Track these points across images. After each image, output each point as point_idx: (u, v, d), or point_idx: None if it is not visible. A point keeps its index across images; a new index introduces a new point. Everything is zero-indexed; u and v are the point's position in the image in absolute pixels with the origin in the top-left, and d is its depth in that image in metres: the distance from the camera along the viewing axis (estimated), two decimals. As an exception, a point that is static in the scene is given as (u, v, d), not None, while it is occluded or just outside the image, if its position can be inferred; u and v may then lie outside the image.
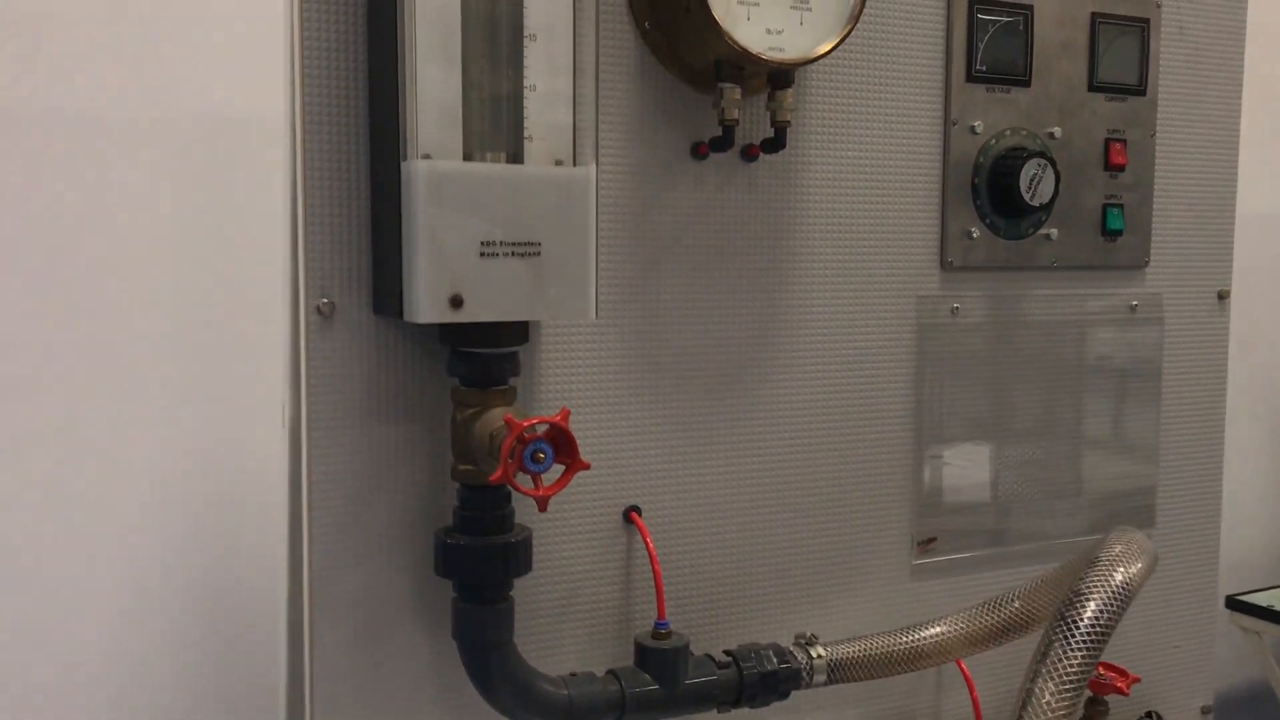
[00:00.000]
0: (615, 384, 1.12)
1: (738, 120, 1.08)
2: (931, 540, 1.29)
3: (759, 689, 1.11)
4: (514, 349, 0.99)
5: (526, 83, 0.95)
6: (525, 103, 0.95)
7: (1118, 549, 1.02)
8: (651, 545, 1.12)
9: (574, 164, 0.97)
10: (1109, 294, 1.37)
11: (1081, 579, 0.98)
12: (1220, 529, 1.49)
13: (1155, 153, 1.38)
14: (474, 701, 1.04)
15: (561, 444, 0.91)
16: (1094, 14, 1.32)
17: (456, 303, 0.92)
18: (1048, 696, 0.93)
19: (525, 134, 0.96)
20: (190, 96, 1.59)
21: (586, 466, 0.92)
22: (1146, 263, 1.39)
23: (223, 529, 1.65)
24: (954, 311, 1.29)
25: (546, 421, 0.90)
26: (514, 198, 0.94)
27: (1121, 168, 1.35)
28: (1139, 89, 1.36)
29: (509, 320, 0.95)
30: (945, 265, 1.27)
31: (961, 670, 1.29)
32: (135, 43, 1.56)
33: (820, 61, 1.11)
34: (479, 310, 0.93)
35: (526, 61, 0.95)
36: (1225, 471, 1.50)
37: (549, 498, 0.91)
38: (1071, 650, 0.94)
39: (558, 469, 0.92)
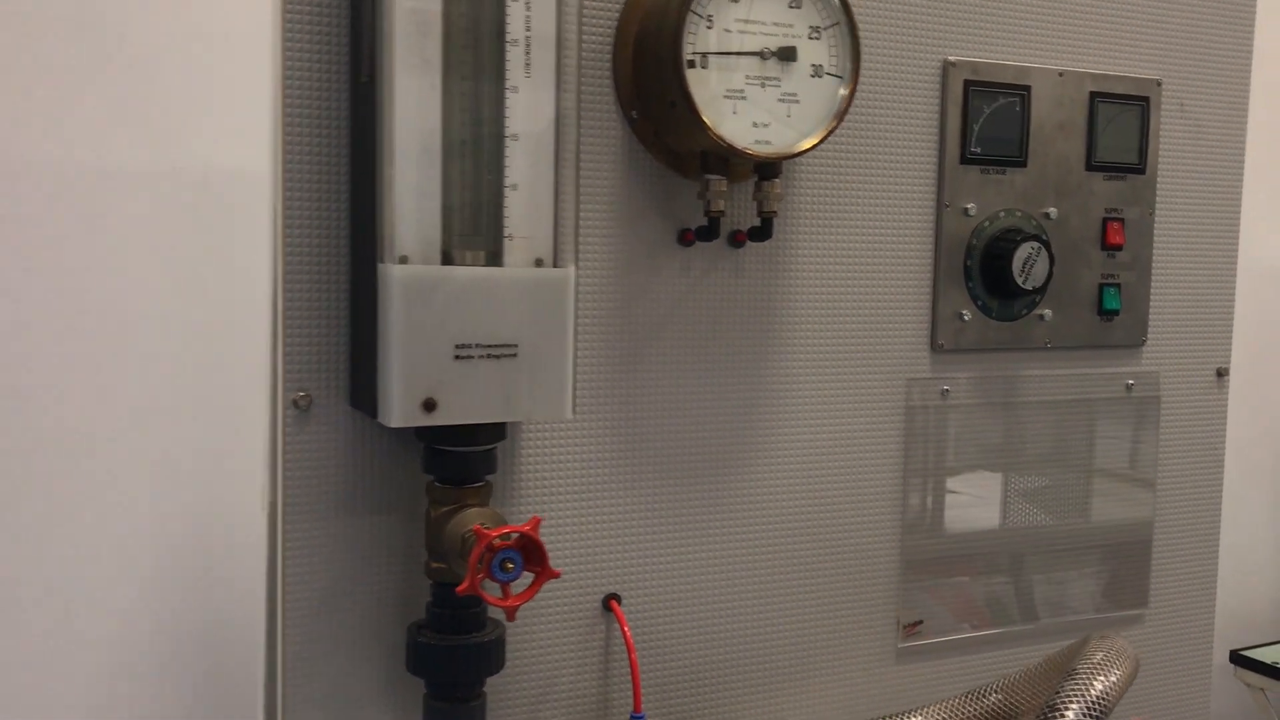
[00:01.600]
0: (596, 473, 1.11)
1: (723, 212, 1.08)
2: (918, 623, 1.28)
3: (735, 782, 1.11)
4: (491, 446, 0.99)
5: (508, 181, 0.95)
6: (506, 202, 0.95)
7: (1098, 657, 1.00)
8: (629, 634, 1.11)
9: (554, 263, 0.96)
10: (1104, 373, 1.36)
11: (1058, 693, 0.97)
12: (1215, 608, 1.47)
13: (1154, 231, 1.36)
14: (446, 795, 1.03)
15: (531, 552, 0.90)
16: (1093, 93, 1.30)
17: (430, 406, 0.91)
18: (1020, 815, 0.91)
19: (505, 233, 0.95)
20: (183, 150, 1.59)
21: (556, 575, 0.92)
22: (1143, 341, 1.37)
23: (207, 604, 1.65)
24: (944, 394, 1.28)
25: (516, 531, 0.90)
26: (491, 300, 0.93)
27: (1119, 247, 1.34)
28: (1138, 167, 1.34)
29: (483, 422, 0.94)
30: (935, 347, 1.26)
31: (945, 757, 1.27)
32: (128, 95, 1.56)
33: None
34: (452, 413, 0.92)
35: (508, 160, 0.95)
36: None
37: (517, 608, 0.90)
38: (1046, 769, 0.92)
39: (527, 577, 0.91)
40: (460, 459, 0.97)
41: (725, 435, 1.17)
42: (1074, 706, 0.96)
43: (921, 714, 1.18)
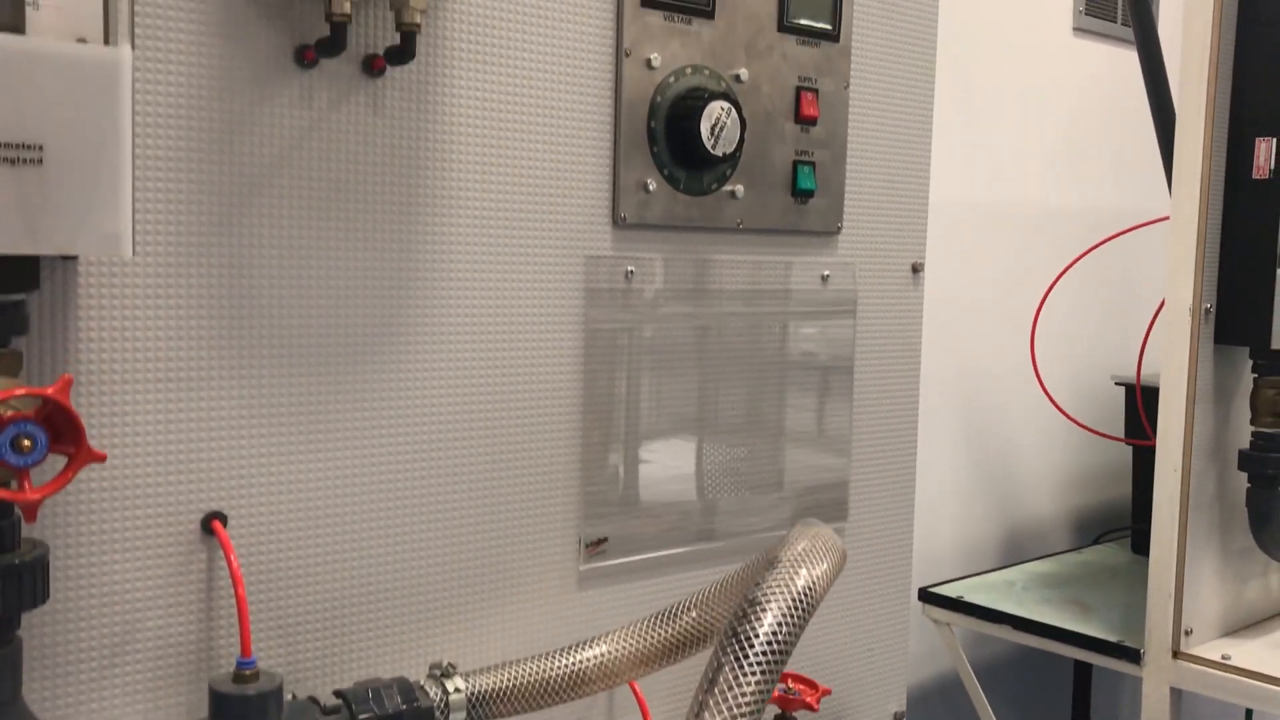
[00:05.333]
0: (190, 355, 0.86)
1: (349, 16, 0.85)
2: (602, 541, 1.11)
3: (378, 737, 0.89)
4: (13, 297, 0.72)
5: (30, -73, 0.69)
6: (27, -46, 0.69)
7: (801, 546, 0.86)
8: (236, 562, 0.87)
9: (105, 41, 0.71)
10: (799, 261, 1.23)
11: (758, 584, 0.81)
12: (914, 519, 1.39)
13: (849, 106, 1.25)
14: (-33, 785, 0.76)
15: (60, 426, 0.65)
16: (785, -54, 1.17)
17: (-97, 224, 0.64)
18: (718, 734, 0.75)
19: (28, -2, 0.69)
20: None
21: (100, 458, 0.67)
22: (839, 228, 1.26)
23: None
24: (628, 275, 1.11)
25: (36, 394, 0.64)
26: (3, 81, 0.67)
27: (813, 120, 1.21)
28: (832, 34, 1.22)
29: (-9, 253, 0.68)
30: (618, 221, 1.09)
31: (635, 694, 1.11)
32: None
33: (458, -46, 0.90)
34: (-59, 236, 0.65)
35: (28, -103, 0.69)
36: (919, 465, 1.40)
37: (38, 503, 0.64)
38: (745, 674, 0.76)
39: (57, 462, 0.66)
40: (-33, 311, 0.70)
41: (365, 313, 0.94)
42: (776, 602, 0.81)
43: (609, 641, 1.01)
